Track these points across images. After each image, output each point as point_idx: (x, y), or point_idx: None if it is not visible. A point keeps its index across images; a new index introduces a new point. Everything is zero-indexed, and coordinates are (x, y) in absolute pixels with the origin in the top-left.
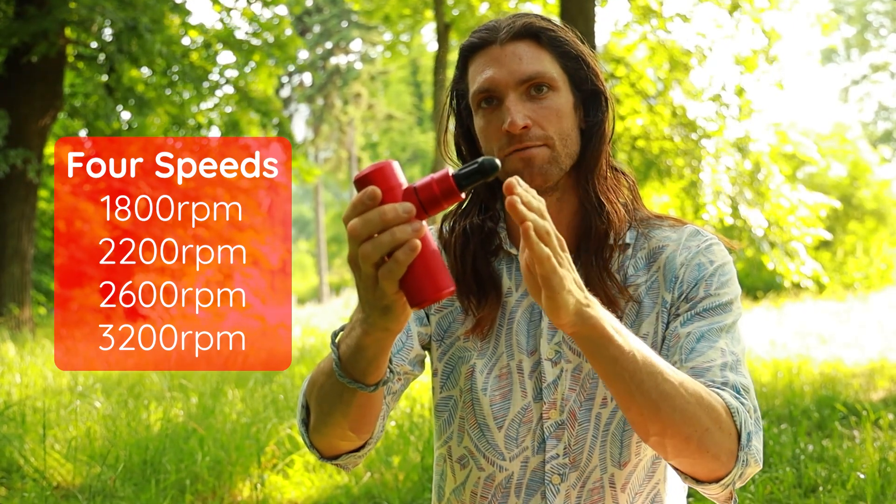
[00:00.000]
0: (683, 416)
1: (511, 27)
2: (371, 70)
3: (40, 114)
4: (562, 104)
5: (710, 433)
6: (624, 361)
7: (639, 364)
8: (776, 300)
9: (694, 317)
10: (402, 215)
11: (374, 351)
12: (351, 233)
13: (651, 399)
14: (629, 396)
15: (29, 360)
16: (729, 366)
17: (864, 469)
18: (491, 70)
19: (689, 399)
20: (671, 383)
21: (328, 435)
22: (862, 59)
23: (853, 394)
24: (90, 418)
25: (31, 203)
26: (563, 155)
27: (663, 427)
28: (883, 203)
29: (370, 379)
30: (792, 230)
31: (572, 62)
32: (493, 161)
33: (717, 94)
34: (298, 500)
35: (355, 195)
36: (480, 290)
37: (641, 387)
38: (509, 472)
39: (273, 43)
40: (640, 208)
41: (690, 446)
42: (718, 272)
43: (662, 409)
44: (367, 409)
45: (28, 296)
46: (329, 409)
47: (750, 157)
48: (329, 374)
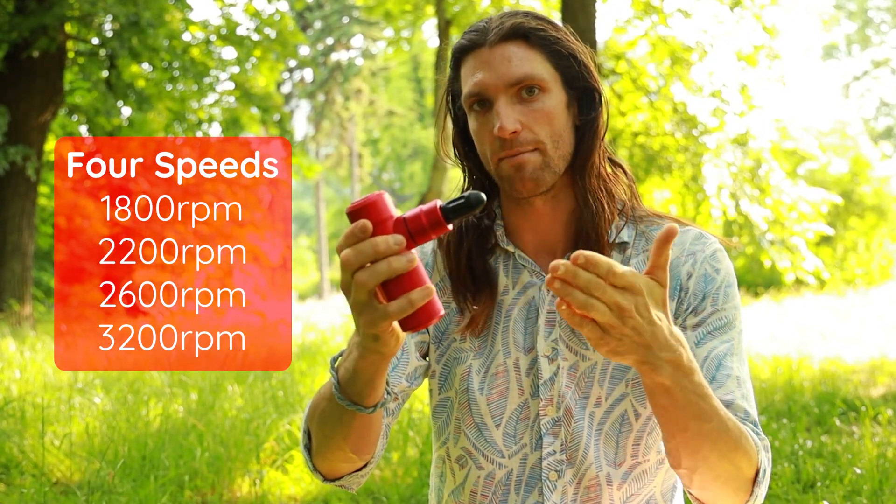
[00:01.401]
0: (719, 461)
1: (500, 28)
2: (372, 66)
3: (40, 110)
4: (553, 105)
5: (739, 472)
6: (672, 410)
7: (688, 416)
8: (776, 296)
9: (706, 336)
10: (393, 247)
11: (369, 374)
12: (344, 263)
13: (690, 445)
14: (670, 435)
15: (29, 355)
16: (745, 397)
17: (862, 465)
18: (480, 73)
19: (731, 445)
20: (718, 432)
21: (330, 458)
22: (863, 55)
23: (853, 390)
24: (89, 414)
25: (31, 199)
26: (555, 158)
27: (695, 464)
28: (883, 199)
29: (368, 401)
30: (793, 226)
31: (564, 60)
32: (478, 196)
33: (718, 90)
34: (297, 496)
35: (348, 227)
36: (475, 287)
37: (685, 433)
38: (509, 468)
39: (274, 38)
40: (638, 206)
41: (717, 483)
42: (724, 284)
43: (698, 454)
44: (367, 430)
45: (28, 292)
46: (330, 432)
47: (750, 154)
48: (329, 399)
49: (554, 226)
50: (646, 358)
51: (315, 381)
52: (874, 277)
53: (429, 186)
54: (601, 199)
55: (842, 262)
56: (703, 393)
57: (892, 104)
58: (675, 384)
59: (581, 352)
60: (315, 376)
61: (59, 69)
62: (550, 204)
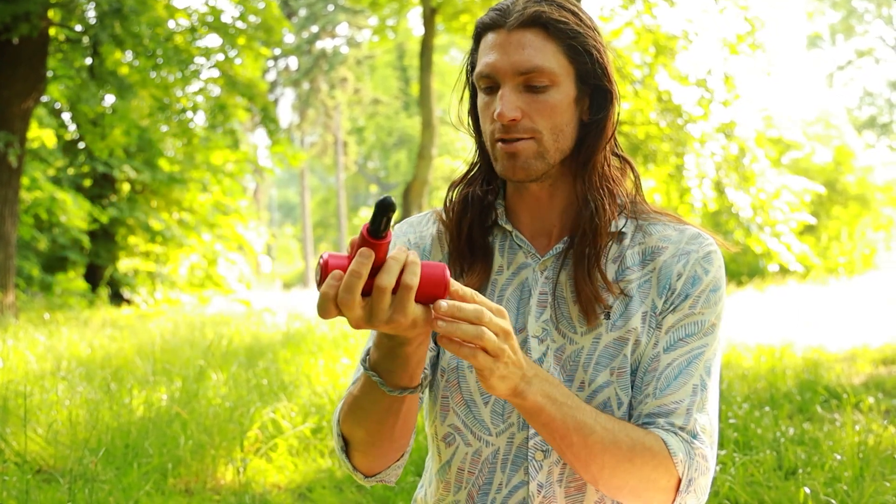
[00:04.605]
0: (613, 472)
1: (521, 14)
2: (357, 54)
3: (23, 97)
4: (559, 99)
5: (644, 483)
6: (553, 426)
7: (569, 429)
8: (760, 285)
9: (678, 342)
10: (366, 260)
11: (420, 354)
12: (342, 305)
13: (581, 458)
14: (561, 452)
15: (12, 343)
16: (697, 405)
17: (843, 452)
18: (494, 55)
19: (621, 457)
20: (602, 444)
21: (375, 453)
22: (847, 45)
23: (835, 378)
24: (73, 403)
25: (13, 187)
26: (551, 150)
27: (594, 478)
28: (867, 188)
29: (416, 381)
30: (777, 215)
31: (580, 56)
32: (383, 200)
33: (703, 79)
34: (281, 484)
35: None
36: (472, 259)
37: (572, 448)
38: (496, 447)
39: (259, 25)
40: (641, 202)
41: (622, 493)
42: (709, 288)
43: (591, 466)
44: (412, 411)
45: (11, 280)
46: (377, 426)
47: (735, 141)
48: (369, 394)
49: (550, 212)
50: (521, 378)
51: (300, 370)
52: (857, 266)
53: (414, 175)
54: (601, 199)
55: (825, 250)
56: (576, 404)
57: (875, 94)
58: (547, 398)
59: (569, 335)
60: (300, 365)
61: (41, 56)
62: (547, 191)
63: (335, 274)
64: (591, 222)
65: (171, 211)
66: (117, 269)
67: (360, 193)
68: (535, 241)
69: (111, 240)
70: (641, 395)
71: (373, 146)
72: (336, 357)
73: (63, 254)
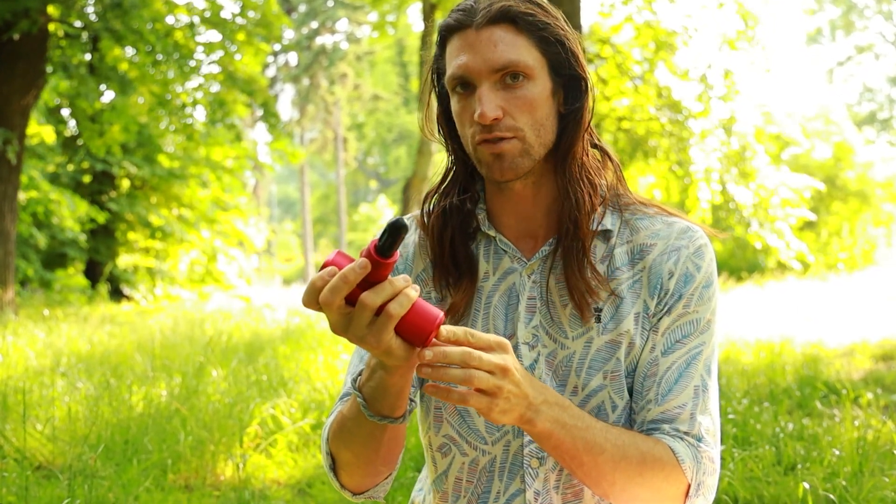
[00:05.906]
0: (624, 487)
1: (488, 11)
2: (357, 50)
3: (22, 93)
4: (537, 93)
5: (654, 493)
6: (563, 449)
7: (579, 450)
8: (759, 280)
9: (675, 344)
10: (359, 270)
11: (399, 386)
12: (323, 302)
13: (592, 476)
14: (572, 471)
15: (11, 340)
16: (699, 408)
17: (842, 447)
18: (465, 56)
19: (632, 472)
20: (613, 461)
21: (360, 474)
22: (847, 41)
23: (834, 373)
24: (72, 399)
25: (13, 183)
26: (535, 145)
27: (605, 493)
28: (866, 184)
29: (398, 412)
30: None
31: (551, 46)
32: (395, 221)
33: (703, 74)
34: (281, 480)
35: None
36: (457, 273)
37: (583, 468)
38: (492, 455)
39: (258, 21)
40: (624, 193)
41: (637, 502)
42: (702, 284)
43: (603, 483)
44: (396, 440)
45: (11, 276)
46: (361, 449)
47: (735, 135)
48: (355, 418)
49: (535, 211)
50: (527, 408)
51: (300, 366)
52: (857, 262)
53: (414, 171)
54: (582, 190)
55: (825, 246)
56: (586, 424)
57: (875, 89)
58: (556, 423)
59: (560, 340)
60: (299, 361)
61: (41, 52)
62: (532, 189)
63: (330, 269)
64: (571, 213)
65: (171, 207)
66: (117, 266)
67: (359, 189)
68: (520, 245)
69: (111, 236)
70: (643, 400)
71: (373, 142)
72: (336, 353)
73: (62, 250)
